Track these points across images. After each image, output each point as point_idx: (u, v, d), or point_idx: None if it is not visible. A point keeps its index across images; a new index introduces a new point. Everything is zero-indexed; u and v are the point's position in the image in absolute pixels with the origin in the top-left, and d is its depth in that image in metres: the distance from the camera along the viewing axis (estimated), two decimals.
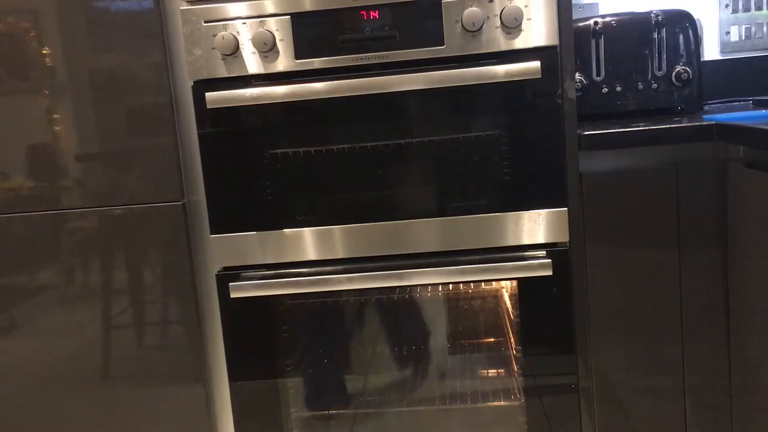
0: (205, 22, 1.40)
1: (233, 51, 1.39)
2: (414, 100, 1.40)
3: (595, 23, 1.71)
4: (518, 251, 1.42)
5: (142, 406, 1.58)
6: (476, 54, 1.36)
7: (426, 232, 1.42)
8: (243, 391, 1.52)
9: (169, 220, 1.51)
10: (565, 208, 1.40)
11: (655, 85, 1.71)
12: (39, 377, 1.59)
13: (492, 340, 2.01)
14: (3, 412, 1.61)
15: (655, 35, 1.70)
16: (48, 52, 1.49)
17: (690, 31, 1.71)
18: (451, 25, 1.35)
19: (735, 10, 2.00)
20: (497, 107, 1.39)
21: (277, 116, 1.41)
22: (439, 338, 2.03)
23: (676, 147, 1.47)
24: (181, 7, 1.40)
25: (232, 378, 1.51)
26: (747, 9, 2.00)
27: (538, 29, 1.35)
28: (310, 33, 1.38)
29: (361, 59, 1.38)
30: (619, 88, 1.72)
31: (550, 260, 1.39)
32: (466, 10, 1.34)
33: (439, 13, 1.35)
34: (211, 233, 1.46)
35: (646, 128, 1.44)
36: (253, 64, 1.40)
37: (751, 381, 1.45)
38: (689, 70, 1.70)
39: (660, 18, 1.70)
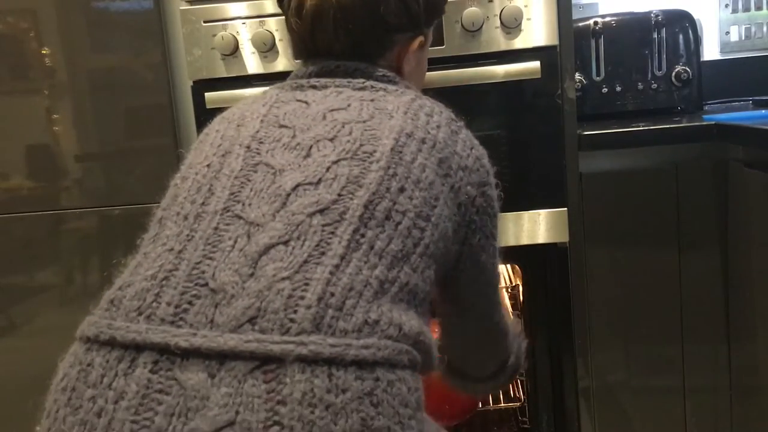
0: (204, 22, 1.39)
1: (233, 51, 1.39)
2: None
3: (595, 23, 1.70)
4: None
5: None
6: (476, 54, 1.36)
7: None
8: None
9: None
10: (565, 208, 1.39)
11: (655, 85, 1.71)
12: (39, 377, 1.59)
13: None
14: (3, 411, 1.61)
15: (655, 35, 1.70)
16: (48, 52, 1.49)
17: (690, 31, 1.71)
18: (450, 25, 1.35)
19: (735, 10, 2.00)
20: (497, 107, 1.39)
21: None
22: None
23: (676, 147, 1.46)
24: (181, 7, 1.40)
25: None
26: (747, 9, 2.00)
27: (537, 29, 1.35)
28: None
29: None
30: (618, 88, 1.72)
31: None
32: (466, 10, 1.34)
33: None
34: None
35: (646, 128, 1.43)
36: (252, 64, 1.40)
37: (752, 381, 1.45)
38: (689, 70, 1.70)
39: (660, 18, 1.69)
